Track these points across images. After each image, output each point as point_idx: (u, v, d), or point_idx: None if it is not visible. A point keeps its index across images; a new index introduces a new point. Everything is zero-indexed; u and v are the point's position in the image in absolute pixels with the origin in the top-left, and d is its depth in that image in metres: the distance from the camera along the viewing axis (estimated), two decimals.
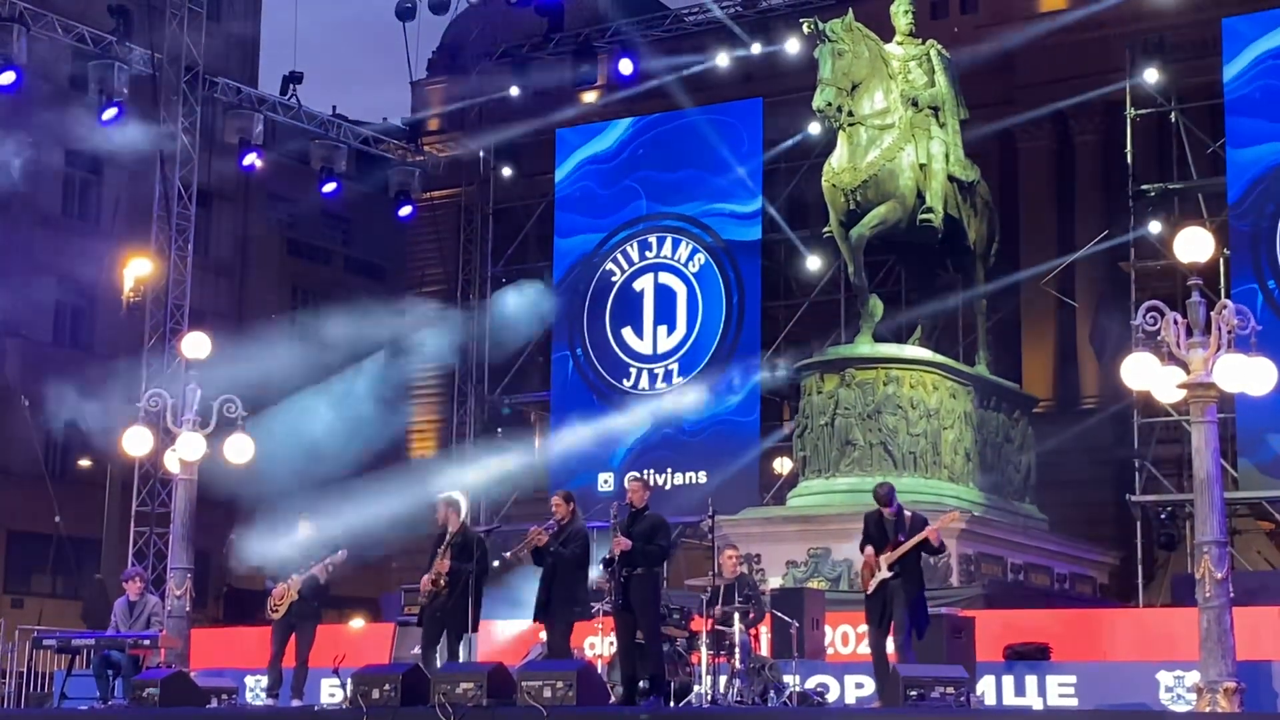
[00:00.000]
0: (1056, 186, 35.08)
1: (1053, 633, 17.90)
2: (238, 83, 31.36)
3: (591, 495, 26.83)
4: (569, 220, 30.74)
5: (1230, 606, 13.58)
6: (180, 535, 18.46)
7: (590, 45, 32.01)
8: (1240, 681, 13.44)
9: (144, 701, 15.33)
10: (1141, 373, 13.98)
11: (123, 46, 28.36)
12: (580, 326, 29.97)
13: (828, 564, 22.77)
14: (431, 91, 43.40)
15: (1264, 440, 23.71)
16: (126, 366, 28.18)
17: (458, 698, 13.35)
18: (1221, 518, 13.80)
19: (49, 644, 18.72)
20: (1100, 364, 33.01)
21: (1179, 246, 14.58)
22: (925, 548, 14.85)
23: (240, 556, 20.25)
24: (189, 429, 18.24)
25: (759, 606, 16.59)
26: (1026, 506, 25.94)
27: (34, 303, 37.48)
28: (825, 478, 23.90)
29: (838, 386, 23.98)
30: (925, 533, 14.71)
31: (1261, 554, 29.17)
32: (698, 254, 29.08)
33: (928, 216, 24.12)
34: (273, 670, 17.05)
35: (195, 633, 19.65)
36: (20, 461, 34.95)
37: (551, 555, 14.89)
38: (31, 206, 37.86)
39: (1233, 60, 24.98)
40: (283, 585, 17.02)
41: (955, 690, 13.30)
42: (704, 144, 29.36)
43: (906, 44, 25.36)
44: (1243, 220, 24.56)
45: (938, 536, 14.75)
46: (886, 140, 24.06)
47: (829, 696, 16.93)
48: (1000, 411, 25.68)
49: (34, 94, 33.79)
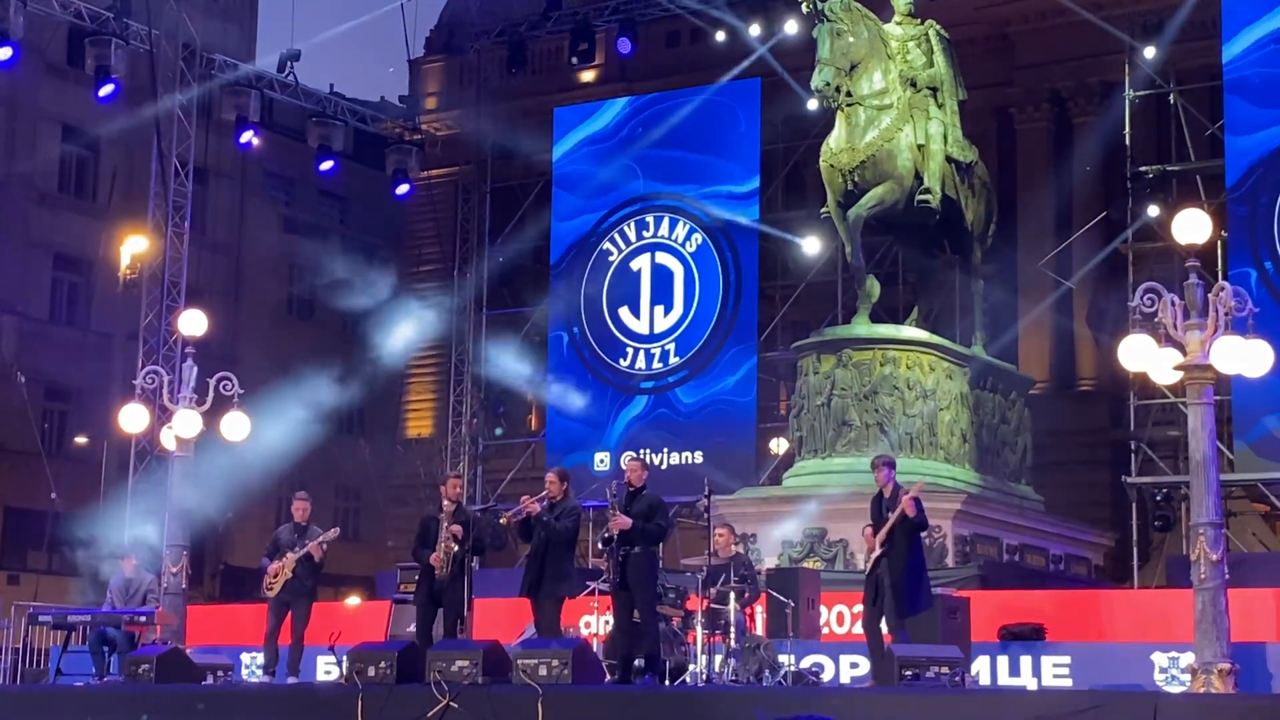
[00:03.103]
0: (1054, 168, 35.04)
1: (1048, 613, 17.93)
2: (235, 60, 31.27)
3: (587, 474, 26.89)
4: (566, 200, 30.70)
5: (1225, 588, 13.59)
6: (176, 512, 18.48)
7: (588, 24, 31.93)
8: (1235, 663, 13.47)
9: (139, 678, 15.33)
10: (1138, 354, 13.98)
11: (120, 23, 28.26)
12: (577, 306, 29.94)
13: (823, 544, 22.79)
14: (429, 70, 43.32)
15: (1260, 422, 23.69)
16: (123, 343, 28.18)
17: (453, 675, 13.36)
18: (1217, 499, 13.82)
19: (45, 620, 18.73)
20: (1097, 345, 33.02)
21: (1177, 228, 14.57)
22: (911, 525, 14.75)
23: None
24: (185, 406, 18.24)
25: (754, 586, 16.61)
26: (1022, 488, 25.95)
27: (30, 279, 37.46)
28: (821, 458, 23.91)
29: (834, 367, 23.98)
30: (901, 505, 14.66)
31: (1257, 536, 29.22)
32: (695, 234, 29.06)
33: (925, 197, 24.09)
34: (268, 648, 17.08)
35: (191, 609, 19.67)
36: (16, 438, 34.91)
37: (543, 528, 14.89)
38: (28, 183, 37.79)
39: (1232, 41, 24.92)
40: (277, 563, 17.04)
41: (950, 670, 13.32)
42: (702, 124, 29.31)
43: (905, 24, 25.30)
44: (1241, 203, 24.51)
45: (913, 506, 14.64)
46: (885, 121, 24.01)
47: (824, 676, 16.96)
48: (997, 392, 25.68)
49: (31, 70, 33.77)
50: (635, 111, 30.43)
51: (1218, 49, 25.36)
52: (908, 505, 14.64)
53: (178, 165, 28.81)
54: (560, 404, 29.83)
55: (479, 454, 33.79)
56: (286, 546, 17.08)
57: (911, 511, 14.63)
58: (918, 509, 14.72)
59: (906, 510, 14.62)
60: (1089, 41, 31.95)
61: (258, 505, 38.02)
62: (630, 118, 30.33)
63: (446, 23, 43.58)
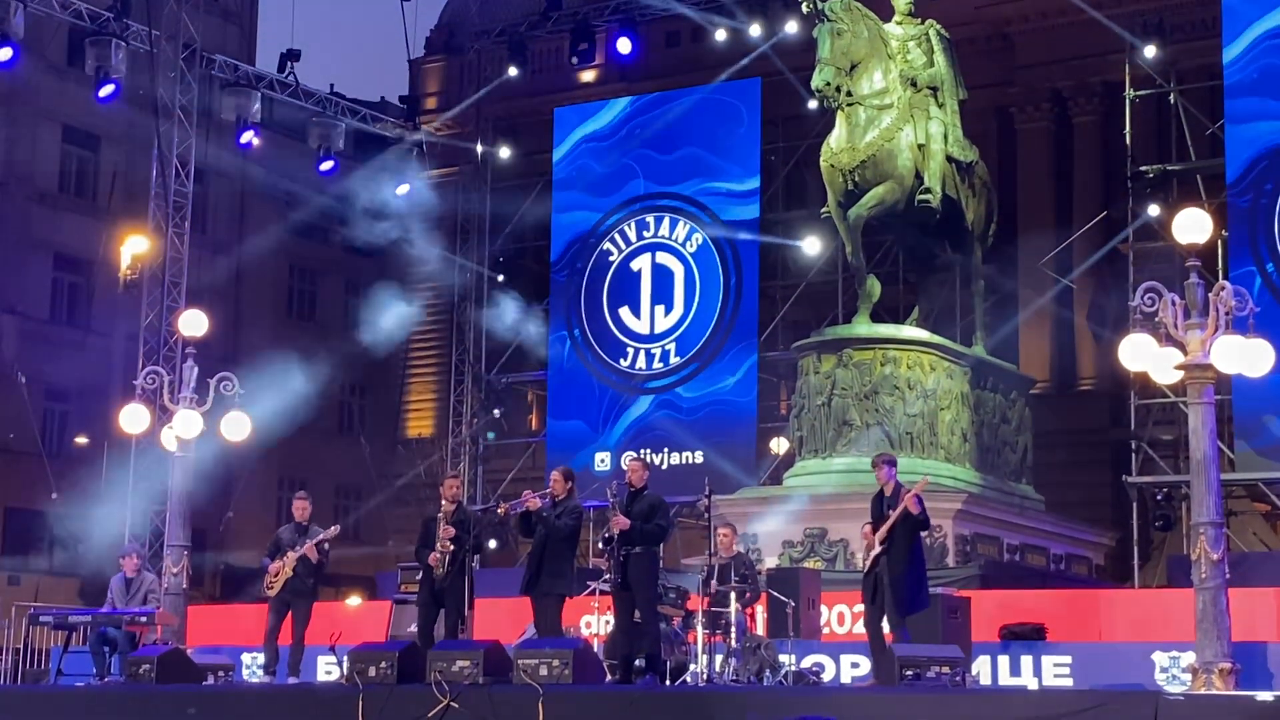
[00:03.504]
0: (1055, 167, 35.04)
1: (1048, 613, 17.92)
2: (235, 60, 31.27)
3: (588, 474, 26.86)
4: (567, 199, 30.70)
5: (1226, 588, 13.60)
6: (177, 513, 18.47)
7: (589, 24, 31.92)
8: (1235, 662, 13.49)
9: (140, 678, 15.33)
10: (1139, 354, 13.97)
11: (120, 23, 28.24)
12: (578, 306, 29.95)
13: (824, 544, 22.79)
14: (429, 70, 43.34)
15: (1261, 422, 23.70)
16: (123, 344, 28.15)
17: (454, 675, 13.36)
18: (1218, 499, 13.82)
19: (46, 621, 18.71)
20: (1098, 345, 33.01)
21: (1177, 228, 14.56)
22: (913, 523, 14.72)
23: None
24: (186, 406, 18.24)
25: (755, 586, 16.61)
26: (1023, 487, 25.95)
27: (31, 279, 37.44)
28: (822, 458, 23.91)
29: (835, 367, 23.99)
30: (903, 503, 14.62)
31: (1257, 535, 29.21)
32: (695, 233, 29.05)
33: (926, 197, 24.09)
34: (269, 648, 17.08)
35: (192, 610, 19.67)
36: (17, 438, 34.92)
37: (543, 525, 14.89)
38: (28, 183, 37.77)
39: (1233, 41, 24.90)
40: (278, 563, 17.04)
41: (950, 670, 13.30)
42: (702, 123, 29.34)
43: (906, 24, 25.30)
44: (1241, 201, 24.52)
45: (915, 504, 14.57)
46: (885, 120, 24.01)
47: (824, 676, 16.96)
48: (997, 392, 25.68)
49: (31, 70, 33.76)
50: (636, 111, 30.45)
51: (1218, 49, 25.37)
52: (910, 503, 14.58)
53: (178, 165, 28.78)
54: (560, 404, 29.83)
55: (479, 454, 33.78)
56: (288, 546, 17.09)
57: (915, 509, 14.59)
58: (920, 507, 14.68)
59: (910, 508, 14.58)
60: (1089, 41, 31.96)
61: (258, 505, 38.06)
62: (630, 117, 30.35)
63: (447, 23, 43.60)
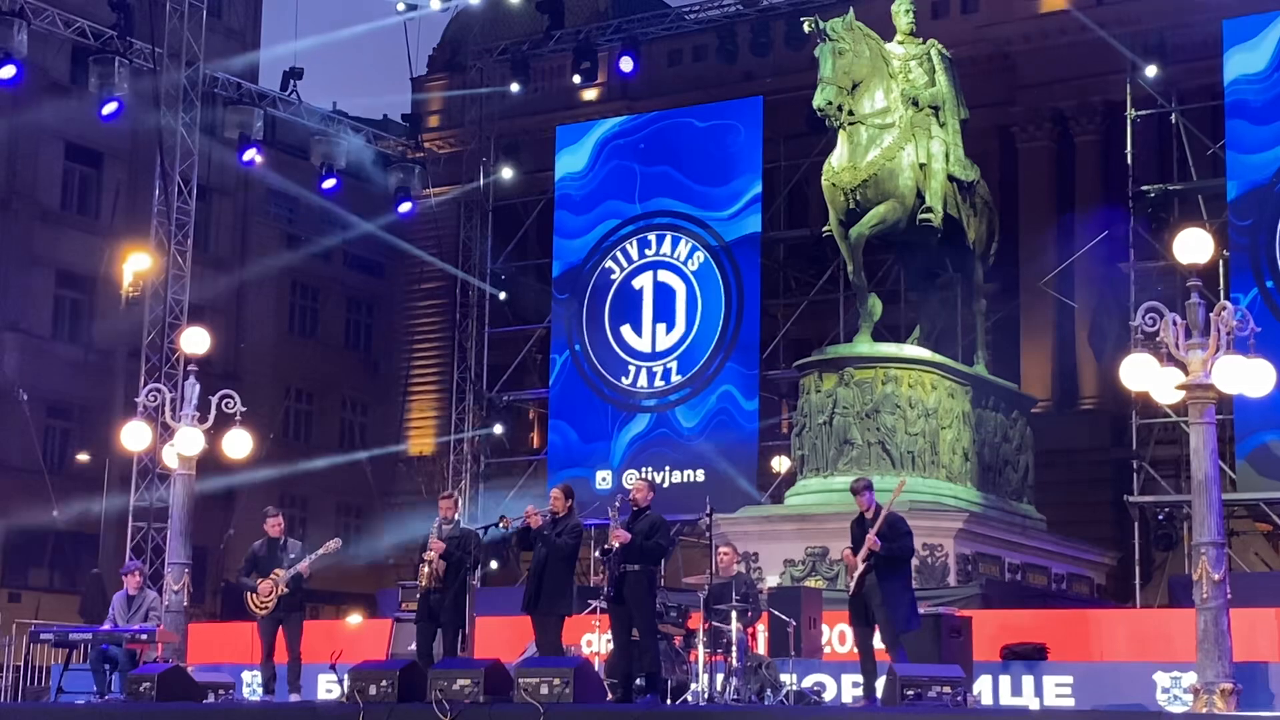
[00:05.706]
0: (1056, 187, 35.09)
1: (1050, 633, 17.91)
2: (238, 78, 31.35)
3: (589, 492, 26.85)
4: (568, 218, 30.72)
5: (1227, 608, 13.59)
6: (178, 530, 18.47)
7: (591, 43, 32.01)
8: (1237, 683, 13.46)
9: (141, 696, 15.31)
10: (1140, 373, 13.99)
11: (123, 41, 28.35)
12: (579, 324, 29.95)
13: (825, 563, 22.75)
14: (432, 88, 43.42)
15: (1262, 442, 23.69)
16: (125, 361, 28.16)
17: (455, 694, 13.35)
18: (1219, 519, 13.81)
19: (46, 638, 18.69)
20: (1099, 364, 33.03)
21: (1178, 248, 14.59)
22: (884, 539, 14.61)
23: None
24: (187, 424, 18.24)
25: (756, 605, 16.58)
26: (1024, 506, 25.93)
27: (33, 296, 37.49)
28: (823, 477, 23.89)
29: (836, 385, 23.98)
30: (867, 545, 14.52)
31: (1259, 555, 29.22)
32: (697, 252, 29.07)
33: (927, 216, 24.10)
34: (266, 667, 17.07)
35: (193, 627, 19.66)
36: (18, 455, 34.94)
37: (544, 543, 14.91)
38: (31, 200, 37.84)
39: (1232, 62, 24.91)
40: (269, 581, 17.00)
41: (952, 690, 13.27)
42: (704, 142, 29.36)
43: (907, 43, 25.33)
44: (1242, 221, 24.54)
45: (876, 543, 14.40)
46: (886, 140, 24.03)
47: (825, 695, 16.94)
48: (999, 411, 25.67)
49: (34, 88, 33.82)
50: (637, 129, 30.48)
51: (1219, 69, 25.41)
52: (871, 543, 14.44)
53: (180, 182, 28.85)
54: (562, 422, 29.83)
55: (480, 472, 33.78)
56: (268, 563, 17.07)
57: (876, 548, 14.49)
58: (895, 535, 14.60)
59: (871, 548, 14.43)
60: (1091, 61, 32.05)
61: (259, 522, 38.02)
62: (633, 135, 30.37)
63: (449, 41, 43.68)
